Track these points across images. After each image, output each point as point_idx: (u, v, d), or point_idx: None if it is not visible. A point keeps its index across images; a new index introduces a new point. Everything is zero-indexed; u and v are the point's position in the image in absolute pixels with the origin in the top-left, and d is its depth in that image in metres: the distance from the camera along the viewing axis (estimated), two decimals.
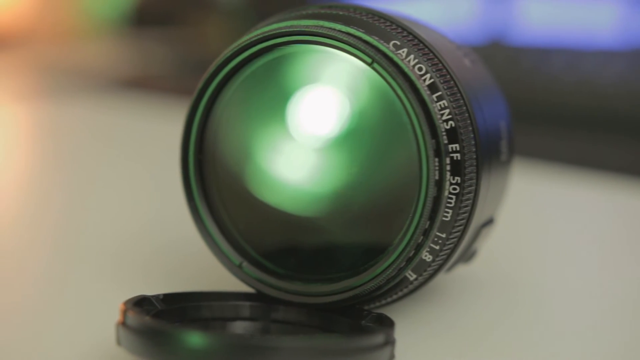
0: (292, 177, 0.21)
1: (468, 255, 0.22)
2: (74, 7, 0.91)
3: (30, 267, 0.27)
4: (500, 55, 0.64)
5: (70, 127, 0.56)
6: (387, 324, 0.19)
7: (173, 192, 0.38)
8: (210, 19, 0.85)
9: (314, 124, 0.21)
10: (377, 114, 0.21)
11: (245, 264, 0.21)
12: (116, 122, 0.58)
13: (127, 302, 0.19)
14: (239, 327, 0.21)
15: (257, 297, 0.21)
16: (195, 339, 0.18)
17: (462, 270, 0.24)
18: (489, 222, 0.22)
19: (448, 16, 0.69)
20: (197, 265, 0.27)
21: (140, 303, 0.20)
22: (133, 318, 0.18)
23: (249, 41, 0.21)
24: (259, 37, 0.21)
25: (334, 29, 0.20)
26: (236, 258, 0.21)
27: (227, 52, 0.21)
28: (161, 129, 0.55)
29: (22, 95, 0.68)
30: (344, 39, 0.20)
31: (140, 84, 0.70)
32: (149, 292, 0.24)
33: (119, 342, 0.19)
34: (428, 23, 0.23)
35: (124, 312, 0.19)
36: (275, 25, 0.21)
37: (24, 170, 0.44)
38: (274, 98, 0.21)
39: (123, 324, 0.18)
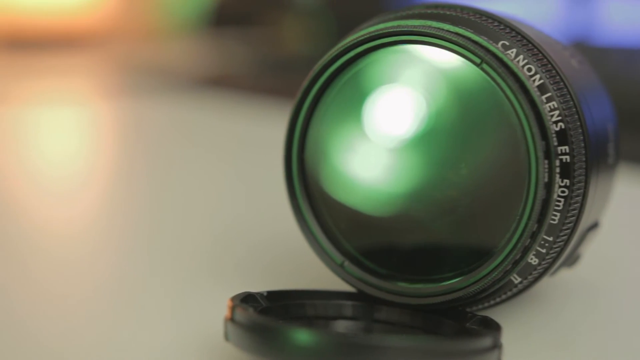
0: (395, 176, 0.21)
1: (572, 259, 0.22)
2: (156, 7, 0.93)
3: (134, 265, 0.27)
4: (584, 56, 0.63)
5: (153, 125, 0.57)
6: (493, 327, 0.19)
7: (263, 189, 0.39)
8: (288, 19, 0.86)
9: (412, 123, 0.21)
10: (483, 113, 0.20)
11: (347, 263, 0.21)
12: (198, 119, 0.58)
13: (234, 299, 0.19)
14: (342, 326, 0.21)
15: (359, 297, 0.21)
16: (303, 336, 0.18)
17: (565, 274, 0.24)
18: (594, 226, 0.22)
19: (531, 16, 0.68)
20: (295, 263, 0.27)
21: (245, 300, 0.20)
22: (241, 314, 0.18)
23: (355, 41, 0.21)
24: (365, 37, 0.21)
25: (442, 29, 0.20)
26: (338, 257, 0.21)
27: (333, 51, 0.21)
28: (242, 127, 0.56)
29: (106, 93, 0.69)
30: (453, 39, 0.20)
31: (220, 82, 0.71)
32: (248, 289, 0.24)
33: (227, 338, 0.19)
34: (533, 23, 0.23)
35: (232, 309, 0.19)
36: (381, 25, 0.21)
37: (110, 166, 0.45)
38: (354, 98, 0.21)
39: (231, 319, 0.19)
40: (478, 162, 0.20)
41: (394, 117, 0.21)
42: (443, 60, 0.20)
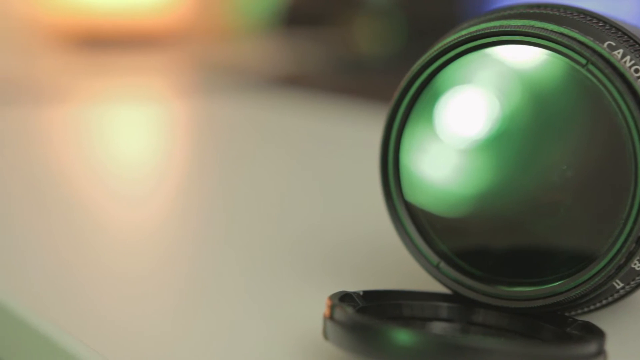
0: (491, 176, 0.21)
1: None
2: (230, 7, 0.94)
3: (222, 265, 0.28)
4: None
5: (227, 123, 0.58)
6: (596, 332, 0.19)
7: (343, 187, 0.39)
8: (361, 19, 0.86)
9: (507, 123, 0.21)
10: (582, 113, 0.20)
11: (442, 264, 0.21)
12: (271, 118, 0.59)
13: (332, 298, 0.19)
14: (437, 327, 0.21)
15: (454, 299, 0.21)
16: (404, 336, 0.18)
17: None
18: None
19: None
20: (382, 262, 0.27)
21: (343, 299, 0.20)
22: (341, 313, 0.18)
23: (455, 41, 0.21)
24: (467, 36, 0.20)
25: (546, 29, 0.20)
26: (434, 258, 0.21)
27: (432, 51, 0.21)
28: (315, 126, 0.56)
29: (182, 92, 0.70)
30: (558, 39, 0.19)
31: (293, 82, 0.72)
32: (337, 288, 0.24)
33: (326, 337, 0.19)
34: (635, 22, 0.22)
35: (332, 308, 0.19)
36: (483, 25, 0.21)
37: (184, 165, 0.45)
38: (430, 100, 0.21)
39: (331, 318, 0.19)
40: (580, 164, 0.20)
41: (486, 118, 0.21)
42: (536, 60, 0.20)
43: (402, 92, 0.21)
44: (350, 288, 0.25)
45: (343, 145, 0.50)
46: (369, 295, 0.21)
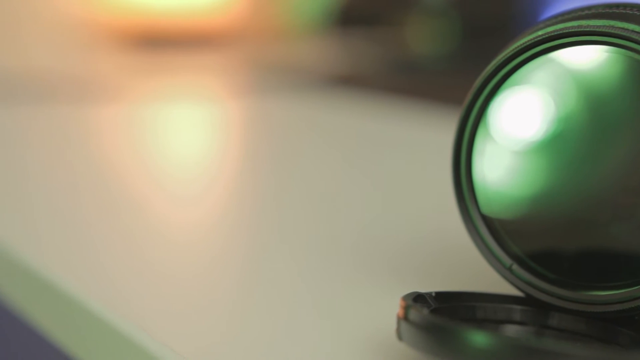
0: (565, 178, 0.21)
1: None
2: (285, 7, 0.94)
3: (286, 265, 0.28)
4: None
5: (281, 123, 0.58)
6: None
7: (403, 188, 0.39)
8: (415, 18, 0.85)
9: (581, 126, 0.21)
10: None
11: (515, 266, 0.21)
12: (326, 118, 0.59)
13: (406, 298, 0.19)
14: (511, 330, 0.20)
15: (527, 301, 0.21)
16: (480, 338, 0.17)
17: None
18: None
19: None
20: (450, 263, 0.27)
21: (415, 300, 0.20)
22: (416, 314, 0.18)
23: (532, 41, 0.20)
24: (545, 36, 0.20)
25: (627, 29, 0.19)
26: (506, 260, 0.21)
27: (507, 52, 0.21)
28: (371, 125, 0.56)
29: (237, 91, 0.71)
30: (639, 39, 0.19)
31: (348, 81, 0.72)
32: (404, 288, 0.24)
33: (400, 337, 0.19)
34: None
35: (406, 308, 0.19)
36: (561, 25, 0.20)
37: (239, 164, 0.46)
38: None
39: (405, 319, 0.19)
40: None
41: (560, 119, 0.21)
42: (611, 60, 0.20)
43: (475, 94, 0.21)
44: (416, 288, 0.25)
45: (398, 144, 0.50)
46: (441, 296, 0.20)
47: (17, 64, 0.78)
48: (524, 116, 0.21)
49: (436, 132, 0.54)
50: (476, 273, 0.26)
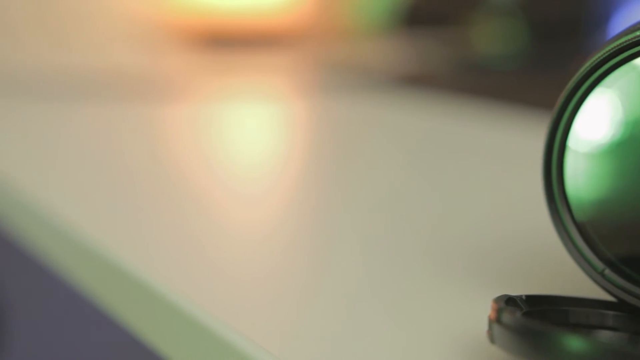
0: None
1: None
2: (351, 6, 0.94)
3: (370, 266, 0.28)
4: None
5: (348, 123, 0.58)
6: None
7: (479, 189, 0.38)
8: (482, 19, 0.85)
9: None
10: None
11: (607, 271, 0.21)
12: (393, 118, 0.59)
13: (498, 301, 0.19)
14: (603, 336, 0.20)
15: (620, 307, 0.20)
16: (576, 343, 0.17)
17: None
18: None
19: None
20: (532, 265, 0.26)
21: (506, 303, 0.20)
22: (510, 317, 0.18)
23: (627, 43, 0.20)
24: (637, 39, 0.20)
25: None
26: (598, 264, 0.21)
27: (601, 53, 0.20)
28: (440, 126, 0.55)
29: (303, 91, 0.71)
30: None
31: (415, 81, 0.71)
32: (486, 290, 0.24)
33: (492, 339, 0.19)
34: None
35: (499, 311, 0.19)
36: None
37: (304, 164, 0.46)
38: None
39: (497, 321, 0.19)
40: None
41: None
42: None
43: (567, 95, 0.21)
44: (498, 290, 0.24)
45: (468, 144, 0.49)
46: (532, 299, 0.20)
47: (86, 63, 0.80)
48: (615, 119, 0.21)
49: (506, 132, 0.53)
50: (558, 275, 0.26)
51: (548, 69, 0.77)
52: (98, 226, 0.32)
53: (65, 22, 0.96)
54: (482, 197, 0.37)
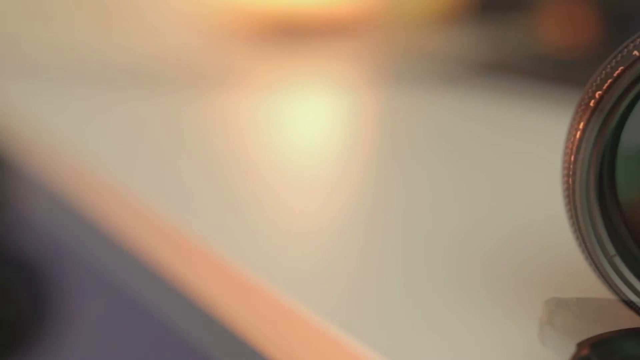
0: None
1: None
2: None
3: (414, 267, 0.29)
4: None
5: (417, 114, 0.57)
6: None
7: (546, 187, 0.38)
8: (557, 5, 0.84)
9: None
10: None
11: None
12: (465, 108, 0.58)
13: (550, 303, 0.20)
14: None
15: None
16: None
17: None
18: None
19: None
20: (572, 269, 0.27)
21: (558, 305, 0.20)
22: (563, 320, 0.19)
23: None
24: None
25: None
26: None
27: None
28: (516, 117, 0.54)
29: (371, 81, 0.70)
30: None
31: (489, 70, 0.71)
32: (529, 294, 0.25)
33: (544, 342, 0.20)
34: None
35: (551, 314, 0.19)
36: None
37: (370, 155, 0.45)
38: None
39: (550, 324, 0.19)
40: None
41: None
42: None
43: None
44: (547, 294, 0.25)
45: (544, 135, 0.48)
46: (582, 303, 0.21)
47: (150, 51, 0.80)
48: None
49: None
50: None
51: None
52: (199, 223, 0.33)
53: (125, 6, 0.97)
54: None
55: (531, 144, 0.47)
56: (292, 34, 0.89)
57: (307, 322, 0.23)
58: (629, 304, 0.20)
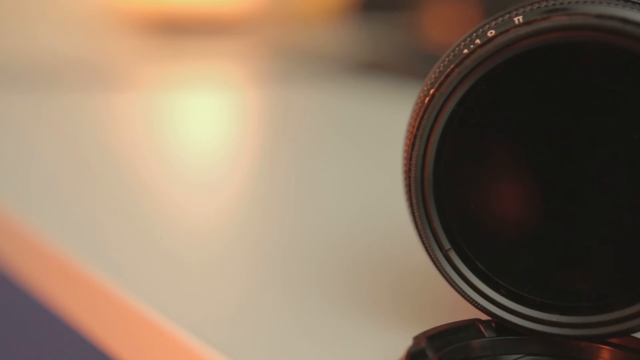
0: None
1: None
2: None
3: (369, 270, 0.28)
4: None
5: (301, 111, 0.57)
6: None
7: None
8: (436, 4, 0.85)
9: None
10: None
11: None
12: (346, 106, 0.58)
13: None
14: None
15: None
16: None
17: None
18: None
19: None
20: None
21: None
22: None
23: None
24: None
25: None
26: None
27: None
28: (392, 115, 0.55)
29: (256, 79, 0.70)
30: None
31: (370, 69, 0.71)
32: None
33: None
34: None
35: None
36: None
37: (254, 155, 0.45)
38: None
39: None
40: None
41: None
42: None
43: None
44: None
45: None
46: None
47: (31, 49, 0.78)
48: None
49: None
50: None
51: None
52: (42, 219, 0.31)
53: (9, 7, 0.94)
54: None
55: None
56: (180, 33, 0.88)
57: (173, 336, 0.22)
58: (465, 296, 0.20)
